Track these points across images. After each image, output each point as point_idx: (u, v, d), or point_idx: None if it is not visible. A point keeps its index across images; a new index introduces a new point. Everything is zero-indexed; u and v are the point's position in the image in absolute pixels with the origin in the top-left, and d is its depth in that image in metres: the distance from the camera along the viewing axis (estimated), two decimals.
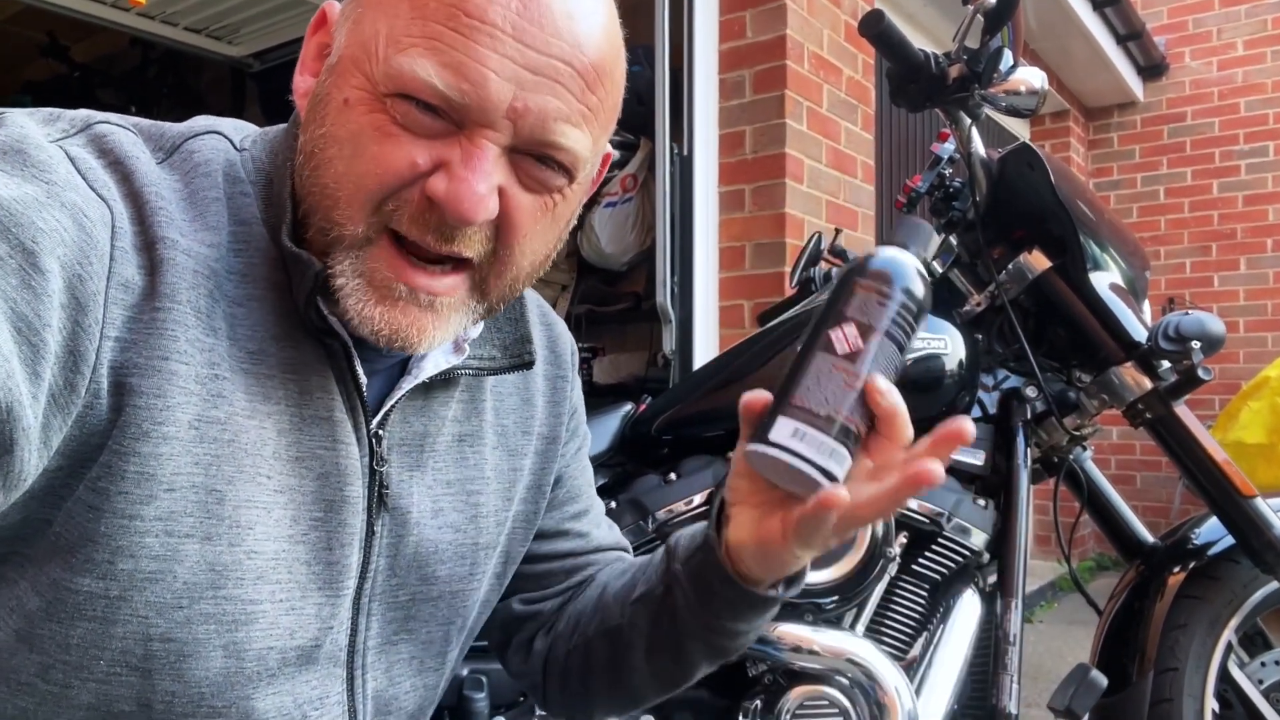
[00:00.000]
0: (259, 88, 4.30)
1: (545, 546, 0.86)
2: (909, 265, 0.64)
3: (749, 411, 0.63)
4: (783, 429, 0.60)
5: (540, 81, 0.57)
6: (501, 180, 0.59)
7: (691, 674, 0.80)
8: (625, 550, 0.93)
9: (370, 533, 0.67)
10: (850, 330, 0.61)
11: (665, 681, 0.81)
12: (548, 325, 0.85)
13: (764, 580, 0.70)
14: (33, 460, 0.50)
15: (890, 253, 0.64)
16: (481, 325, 0.73)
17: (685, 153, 2.84)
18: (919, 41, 1.36)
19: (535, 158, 0.60)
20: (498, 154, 0.58)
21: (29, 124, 0.56)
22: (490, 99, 0.56)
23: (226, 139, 0.66)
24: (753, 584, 0.70)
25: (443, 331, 0.62)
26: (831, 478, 0.59)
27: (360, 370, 0.65)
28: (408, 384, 0.68)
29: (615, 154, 0.76)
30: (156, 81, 4.67)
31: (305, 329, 0.63)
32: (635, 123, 3.03)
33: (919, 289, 0.63)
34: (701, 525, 0.76)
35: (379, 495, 0.67)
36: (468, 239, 0.60)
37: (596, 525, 0.91)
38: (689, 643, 0.76)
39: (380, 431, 0.67)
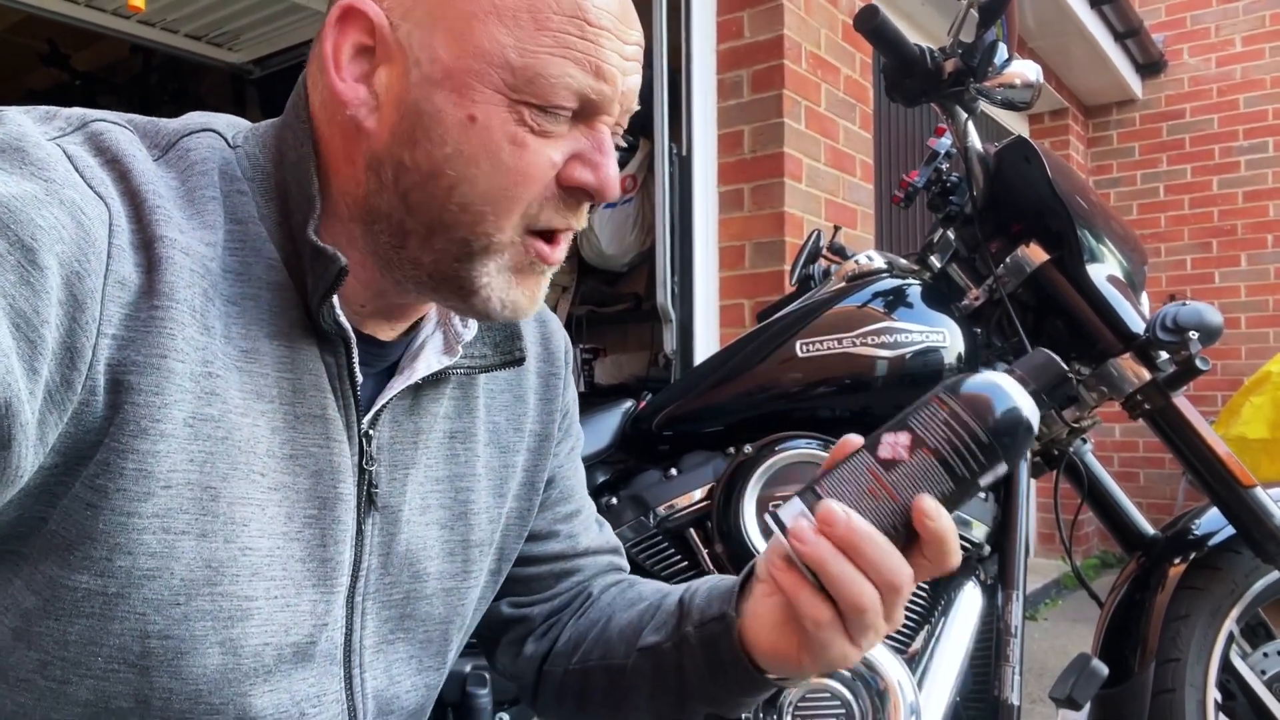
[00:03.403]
0: (259, 94, 4.32)
1: (536, 548, 0.86)
2: (1000, 399, 0.58)
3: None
4: (792, 508, 0.59)
5: (631, 65, 0.64)
6: None
7: None
8: (616, 552, 0.93)
9: (360, 531, 0.67)
10: (903, 439, 0.58)
11: None
12: (541, 322, 0.85)
13: (774, 673, 0.70)
14: (29, 457, 0.50)
15: (990, 380, 0.59)
16: (475, 326, 0.73)
17: (684, 153, 2.85)
18: (916, 40, 1.36)
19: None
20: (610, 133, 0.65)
21: (26, 122, 0.56)
22: (618, 93, 0.63)
23: (221, 136, 0.66)
24: (763, 671, 0.70)
25: (544, 292, 0.68)
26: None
27: (358, 368, 0.65)
28: (400, 383, 0.68)
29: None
30: (158, 89, 4.69)
31: (301, 327, 0.63)
32: (634, 123, 3.01)
33: (1003, 425, 0.57)
34: (721, 586, 0.75)
35: (368, 494, 0.68)
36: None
37: (587, 527, 0.91)
38: (693, 701, 0.76)
39: (371, 431, 0.67)
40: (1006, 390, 0.59)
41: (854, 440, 0.62)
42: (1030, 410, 0.59)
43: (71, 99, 4.39)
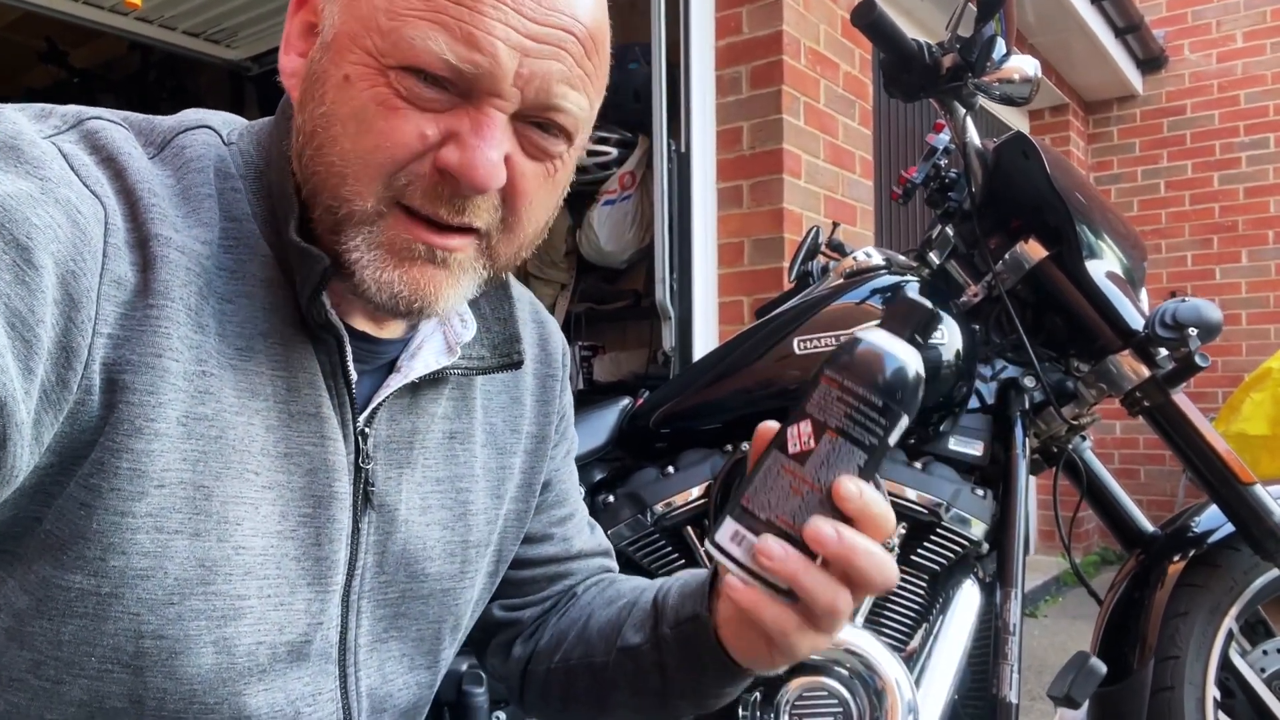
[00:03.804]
0: (257, 91, 4.32)
1: (530, 551, 0.86)
2: (882, 358, 0.58)
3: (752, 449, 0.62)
4: (726, 531, 0.58)
5: (543, 48, 0.58)
6: (508, 149, 0.60)
7: (677, 718, 0.80)
8: (607, 554, 0.93)
9: (355, 530, 0.67)
10: (805, 428, 0.57)
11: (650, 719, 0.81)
12: (539, 324, 0.85)
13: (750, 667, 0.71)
14: (24, 457, 0.50)
15: (867, 342, 0.59)
16: (475, 327, 0.73)
17: (683, 149, 2.84)
18: (914, 35, 1.36)
19: (538, 125, 0.61)
20: (505, 122, 0.59)
21: (21, 120, 0.56)
22: (501, 69, 0.57)
23: (216, 133, 0.66)
24: (740, 665, 0.70)
25: (456, 291, 0.63)
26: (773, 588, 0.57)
27: (351, 365, 0.65)
28: (397, 381, 0.68)
29: (613, 153, 0.76)
30: (156, 86, 4.69)
31: (295, 325, 0.63)
32: (633, 120, 3.03)
33: (893, 384, 0.57)
34: (691, 584, 0.75)
35: (364, 493, 0.67)
36: (478, 209, 0.60)
37: (580, 530, 0.91)
38: (675, 698, 0.76)
39: (367, 429, 0.67)
40: (887, 349, 0.58)
41: (767, 429, 0.61)
42: (913, 359, 0.59)
43: (70, 96, 4.39)
